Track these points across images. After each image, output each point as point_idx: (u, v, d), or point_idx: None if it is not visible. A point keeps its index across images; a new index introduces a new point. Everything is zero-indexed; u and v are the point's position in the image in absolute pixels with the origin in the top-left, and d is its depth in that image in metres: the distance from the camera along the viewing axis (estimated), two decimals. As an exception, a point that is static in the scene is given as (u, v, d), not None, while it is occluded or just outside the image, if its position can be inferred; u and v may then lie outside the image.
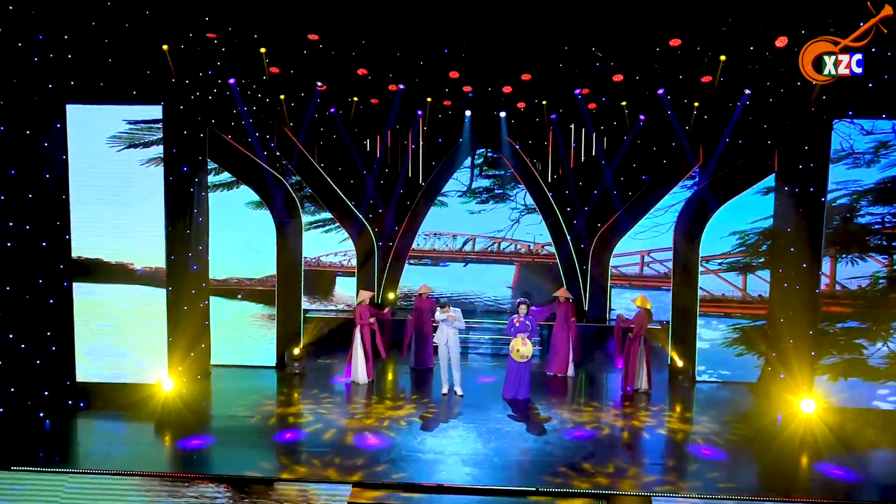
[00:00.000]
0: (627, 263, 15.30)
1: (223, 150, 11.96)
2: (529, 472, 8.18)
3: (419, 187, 15.59)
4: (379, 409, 10.29)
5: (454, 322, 10.89)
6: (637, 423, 9.96)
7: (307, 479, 7.85)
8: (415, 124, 15.07)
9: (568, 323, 12.33)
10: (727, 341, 11.92)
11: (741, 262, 11.87)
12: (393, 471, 8.08)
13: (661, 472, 8.31)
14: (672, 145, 14.57)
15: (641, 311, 11.34)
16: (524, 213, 15.81)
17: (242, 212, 12.24)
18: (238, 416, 9.89)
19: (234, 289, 12.44)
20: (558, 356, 12.29)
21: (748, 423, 9.98)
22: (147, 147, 10.04)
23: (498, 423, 9.75)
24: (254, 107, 13.33)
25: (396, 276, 15.70)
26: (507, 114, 14.93)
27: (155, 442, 9.00)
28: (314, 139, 15.13)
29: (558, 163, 15.49)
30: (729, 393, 11.44)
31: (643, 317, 11.31)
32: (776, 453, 8.90)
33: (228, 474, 7.91)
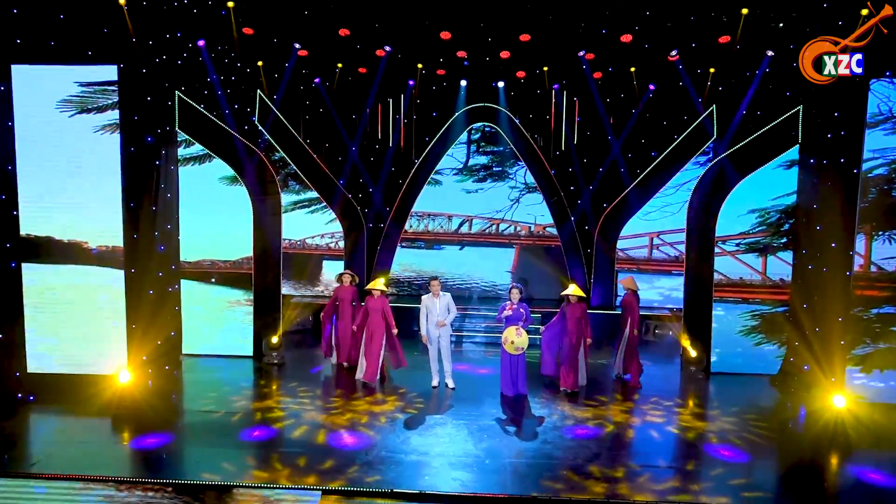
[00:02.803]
0: (636, 246, 14.25)
1: (195, 120, 10.94)
2: (526, 476, 7.19)
3: (412, 164, 14.54)
4: (361, 403, 9.31)
5: (443, 326, 9.89)
6: (646, 420, 8.95)
7: (270, 484, 6.87)
8: (406, 96, 13.97)
9: (580, 330, 9.91)
10: (745, 329, 10.91)
11: (761, 242, 10.86)
12: (369, 475, 7.11)
13: (674, 475, 7.30)
14: (685, 118, 13.49)
15: (628, 294, 10.52)
16: (524, 193, 14.76)
17: (216, 188, 11.23)
18: (203, 412, 8.94)
19: (207, 272, 11.46)
20: (571, 371, 9.81)
21: (770, 419, 8.98)
22: (101, 112, 9.03)
23: (491, 420, 8.76)
24: (231, 76, 12.28)
25: (388, 260, 14.68)
26: (507, 84, 13.85)
27: (104, 441, 8.03)
28: (299, 113, 14.08)
29: (561, 138, 14.41)
30: (747, 386, 10.44)
31: (628, 299, 10.49)
32: (804, 454, 7.90)
33: (180, 480, 6.95)
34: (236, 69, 12.35)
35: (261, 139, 12.53)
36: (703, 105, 12.69)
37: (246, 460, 7.44)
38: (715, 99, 12.67)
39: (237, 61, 12.21)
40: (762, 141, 10.73)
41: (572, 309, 9.92)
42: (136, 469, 7.30)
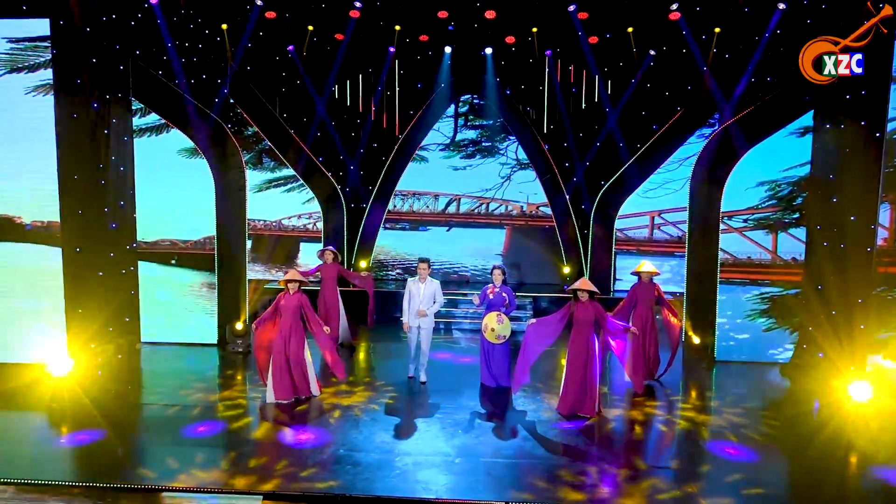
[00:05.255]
0: (635, 226, 13.27)
1: (152, 88, 10.03)
2: (501, 478, 6.27)
3: (395, 140, 13.57)
4: (325, 395, 8.38)
5: (423, 316, 8.71)
6: (642, 412, 8.01)
7: (203, 487, 5.97)
8: (386, 65, 12.96)
9: (588, 340, 7.70)
10: (753, 313, 9.94)
11: (771, 217, 9.89)
12: (320, 478, 6.19)
13: (671, 477, 6.36)
14: (688, 88, 12.48)
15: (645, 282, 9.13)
16: (516, 170, 13.75)
17: (175, 161, 10.31)
18: (148, 405, 8.04)
19: (166, 252, 10.55)
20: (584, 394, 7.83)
21: (781, 412, 8.02)
22: (32, 71, 8.11)
23: (468, 414, 7.83)
24: (196, 42, 11.32)
25: (370, 242, 13.74)
26: (495, 52, 12.83)
27: (22, 438, 7.12)
28: (274, 86, 13.12)
29: (555, 110, 13.41)
30: (755, 375, 9.49)
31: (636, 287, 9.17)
32: (818, 452, 6.94)
33: (98, 483, 6.05)
34: (200, 34, 11.39)
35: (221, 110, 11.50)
36: (708, 73, 11.66)
37: (182, 460, 6.52)
38: (721, 66, 11.64)
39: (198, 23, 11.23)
40: (772, 106, 9.77)
41: (582, 308, 7.69)
42: (53, 470, 6.37)
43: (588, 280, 7.95)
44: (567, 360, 7.78)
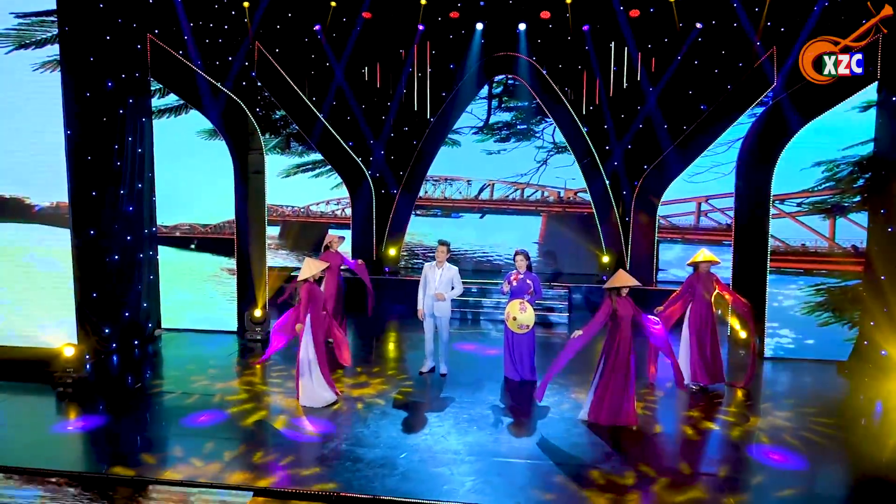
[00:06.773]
0: (680, 213, 12.43)
1: (168, 66, 9.77)
2: (511, 481, 5.71)
3: (427, 123, 13.04)
4: (338, 385, 7.93)
5: (442, 300, 8.10)
6: (679, 413, 7.32)
7: (193, 481, 5.60)
8: (415, 43, 12.42)
9: (631, 339, 6.91)
10: (808, 306, 9.07)
11: (828, 201, 8.99)
12: (318, 474, 5.75)
13: (703, 483, 5.67)
14: (739, 65, 11.59)
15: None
16: (553, 153, 13.05)
17: (194, 142, 10.03)
18: (155, 392, 7.75)
19: (185, 237, 10.29)
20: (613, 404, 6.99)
21: (837, 415, 7.20)
22: (40, 47, 7.89)
23: (486, 409, 7.28)
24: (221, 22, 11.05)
25: (401, 229, 13.27)
26: (529, 28, 12.15)
27: (22, 424, 6.91)
28: (303, 69, 12.76)
29: (595, 90, 12.65)
30: (809, 374, 8.66)
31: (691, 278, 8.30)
32: (881, 460, 6.15)
33: (87, 472, 5.75)
34: (222, 14, 11.11)
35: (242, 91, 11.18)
36: (760, 47, 10.77)
37: (176, 451, 6.19)
38: (773, 40, 10.73)
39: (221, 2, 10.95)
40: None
41: (622, 304, 6.84)
42: (47, 458, 6.10)
43: (625, 273, 7.04)
44: (604, 360, 6.89)
